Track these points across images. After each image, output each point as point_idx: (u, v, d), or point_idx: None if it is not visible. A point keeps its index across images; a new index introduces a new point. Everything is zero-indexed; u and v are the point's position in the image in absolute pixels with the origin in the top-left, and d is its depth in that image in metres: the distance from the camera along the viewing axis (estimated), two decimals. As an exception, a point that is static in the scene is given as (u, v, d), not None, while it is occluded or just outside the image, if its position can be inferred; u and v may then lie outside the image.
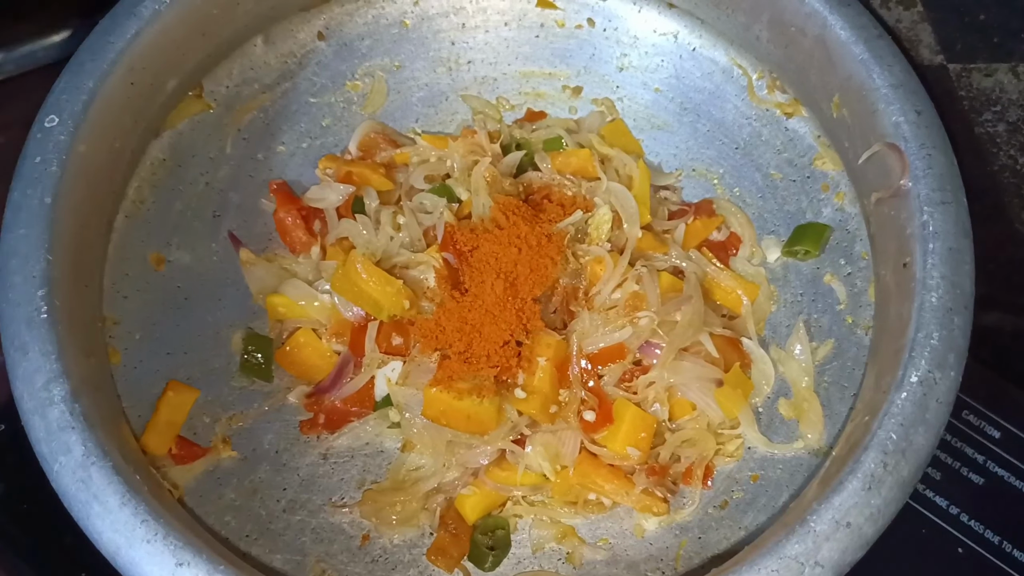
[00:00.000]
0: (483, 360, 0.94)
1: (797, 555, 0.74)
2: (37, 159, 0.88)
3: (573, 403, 0.95)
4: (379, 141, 1.11)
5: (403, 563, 0.93)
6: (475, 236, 0.99)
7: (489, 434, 0.94)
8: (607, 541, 0.95)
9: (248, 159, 1.09)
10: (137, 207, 1.02)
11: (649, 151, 1.13)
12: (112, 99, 0.94)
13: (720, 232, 1.08)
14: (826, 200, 1.05)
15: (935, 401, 0.79)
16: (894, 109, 0.91)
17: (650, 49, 1.15)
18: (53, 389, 0.80)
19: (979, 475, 1.03)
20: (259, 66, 1.11)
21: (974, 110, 1.09)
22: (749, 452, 0.97)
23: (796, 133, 1.08)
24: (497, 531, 0.94)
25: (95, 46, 0.94)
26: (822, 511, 0.75)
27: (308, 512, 0.95)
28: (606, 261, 0.99)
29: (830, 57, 0.97)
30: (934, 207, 0.86)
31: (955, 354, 0.82)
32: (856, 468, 0.77)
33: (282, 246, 1.07)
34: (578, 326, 0.97)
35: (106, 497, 0.76)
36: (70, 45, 1.16)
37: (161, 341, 0.99)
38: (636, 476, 0.94)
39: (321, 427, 0.99)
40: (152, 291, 1.00)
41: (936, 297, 0.83)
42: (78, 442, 0.78)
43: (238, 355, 1.01)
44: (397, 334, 0.98)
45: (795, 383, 0.99)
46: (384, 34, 1.16)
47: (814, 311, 1.02)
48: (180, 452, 0.93)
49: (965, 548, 0.99)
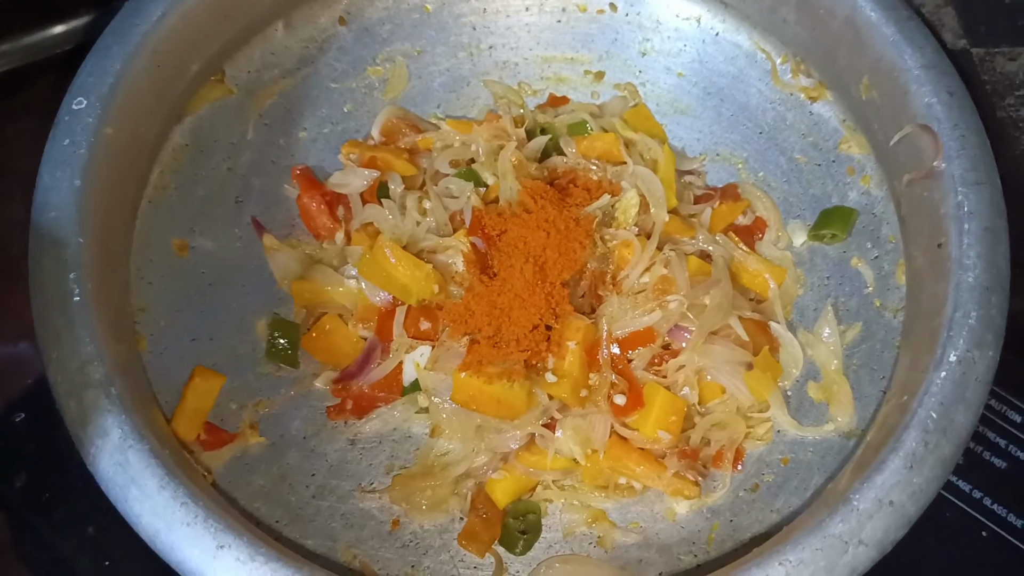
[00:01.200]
0: (513, 344, 0.94)
1: (841, 534, 0.74)
2: (66, 141, 0.87)
3: (603, 387, 0.94)
4: (401, 126, 1.10)
5: (434, 548, 0.93)
6: (503, 220, 0.99)
7: (519, 418, 0.93)
8: (638, 525, 0.94)
9: (270, 144, 1.09)
10: (160, 193, 1.01)
11: (672, 136, 1.13)
12: (138, 82, 0.93)
13: (746, 216, 1.07)
14: (852, 183, 1.05)
15: (974, 380, 0.80)
16: (926, 90, 0.91)
17: (672, 33, 1.14)
18: (88, 372, 0.79)
19: (1002, 459, 1.03)
20: (280, 51, 1.11)
21: (997, 94, 1.09)
22: (779, 435, 0.97)
23: (821, 117, 1.08)
24: (528, 515, 0.94)
25: (121, 28, 0.94)
26: (864, 490, 0.75)
27: (337, 498, 0.94)
28: (634, 245, 0.98)
29: (860, 38, 0.97)
30: (968, 187, 0.86)
31: (993, 333, 0.82)
32: (897, 447, 0.77)
33: (305, 232, 1.07)
34: (607, 310, 0.97)
35: (144, 480, 0.76)
36: (80, 35, 1.17)
37: (186, 327, 0.98)
38: (667, 459, 0.94)
39: (349, 413, 0.98)
40: (176, 277, 1.00)
41: (973, 276, 0.83)
42: (115, 424, 0.77)
43: (263, 341, 1.00)
44: (425, 319, 0.97)
45: (824, 366, 0.98)
46: (405, 19, 1.15)
47: (841, 294, 1.02)
48: (208, 438, 0.93)
49: (989, 532, 0.99)
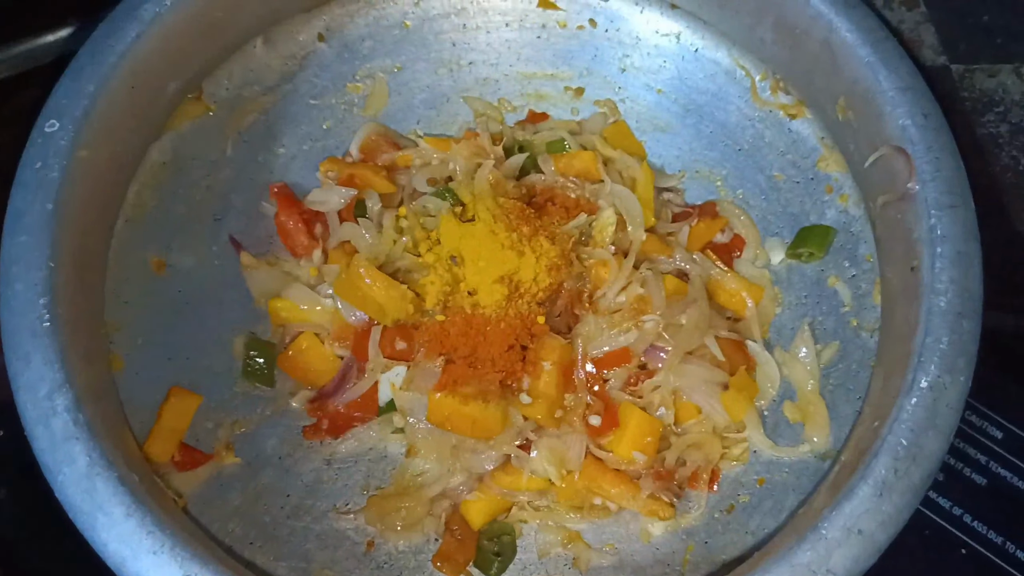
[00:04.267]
0: (488, 364, 0.94)
1: (809, 562, 0.74)
2: (38, 164, 0.87)
3: (579, 407, 0.95)
4: (381, 143, 1.10)
5: (409, 569, 0.93)
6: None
7: (494, 439, 0.93)
8: (613, 546, 0.94)
9: (249, 162, 1.09)
10: (137, 211, 1.01)
11: (652, 153, 1.13)
12: (113, 103, 0.93)
13: (724, 234, 1.07)
14: (830, 202, 1.04)
15: (945, 406, 0.79)
16: (901, 112, 0.91)
17: (652, 50, 1.14)
18: (56, 399, 0.79)
19: (982, 475, 1.03)
20: (259, 68, 1.10)
21: (976, 111, 1.09)
22: (755, 456, 0.97)
23: (800, 135, 1.08)
24: (503, 536, 0.94)
25: (95, 49, 0.93)
26: (833, 518, 0.75)
27: (312, 518, 0.94)
28: (611, 264, 0.98)
29: (836, 60, 0.96)
30: (942, 211, 0.86)
31: (965, 358, 0.81)
32: (867, 474, 0.77)
33: (283, 250, 1.07)
34: (583, 329, 0.97)
35: (111, 508, 0.75)
36: (68, 44, 1.16)
37: (163, 346, 0.98)
38: (642, 480, 0.94)
39: (324, 432, 0.98)
40: (153, 296, 0.99)
41: (945, 301, 0.83)
42: (82, 452, 0.77)
43: (240, 360, 1.00)
44: (401, 339, 0.97)
45: (800, 386, 0.98)
46: (385, 35, 1.15)
47: (818, 313, 1.02)
48: (183, 459, 0.93)
49: (968, 549, 1.00)
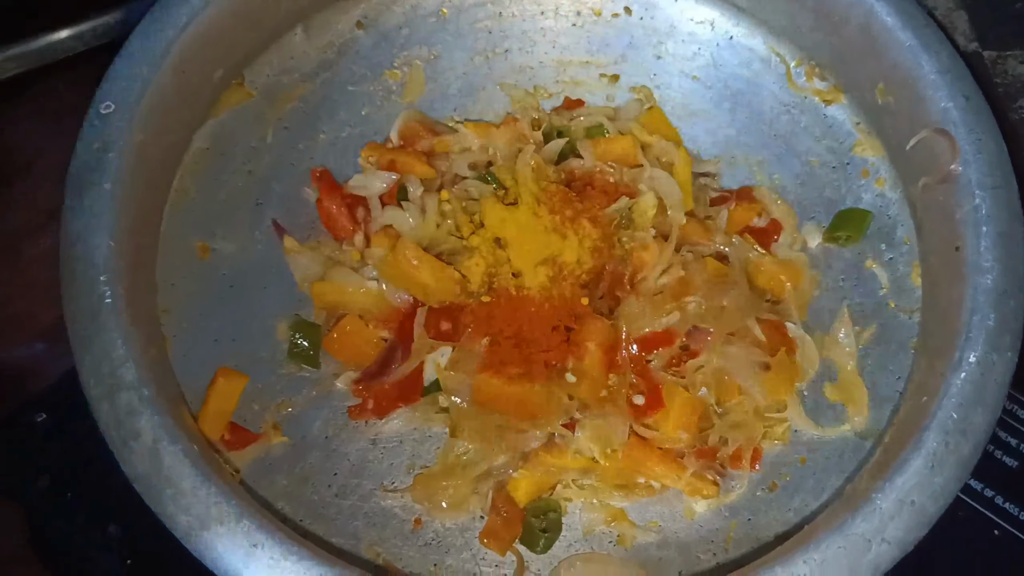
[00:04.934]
0: (533, 345, 0.95)
1: (864, 532, 0.75)
2: (96, 145, 0.88)
3: (622, 387, 0.95)
4: (419, 130, 1.11)
5: (456, 546, 0.94)
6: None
7: (540, 419, 0.94)
8: (657, 524, 0.95)
9: (289, 148, 1.09)
10: (181, 196, 1.02)
11: (687, 139, 1.13)
12: (164, 88, 0.94)
13: (761, 219, 1.08)
14: (866, 186, 1.06)
15: (993, 381, 0.81)
16: (942, 95, 0.92)
17: (687, 37, 1.15)
18: (120, 374, 0.80)
19: (1013, 458, 1.04)
20: (299, 56, 1.12)
21: (1009, 96, 1.09)
22: (796, 435, 0.98)
23: (835, 120, 1.09)
24: (549, 513, 0.95)
25: (146, 33, 0.94)
26: (886, 490, 0.77)
27: (359, 497, 0.95)
28: (652, 247, 0.99)
29: (875, 44, 0.98)
30: (985, 191, 0.87)
31: (1011, 336, 0.83)
32: (918, 448, 0.78)
33: (325, 234, 1.07)
34: (625, 311, 0.98)
35: (179, 480, 0.77)
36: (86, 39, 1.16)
37: (208, 330, 0.99)
38: (686, 459, 0.95)
39: (370, 413, 0.99)
40: (198, 280, 1.01)
41: (991, 280, 0.84)
42: (148, 426, 0.79)
43: (285, 342, 1.01)
44: (446, 320, 0.98)
45: (840, 367, 0.99)
46: (422, 24, 1.16)
47: (856, 296, 1.03)
48: (232, 438, 0.94)
49: (1001, 530, 1.01)
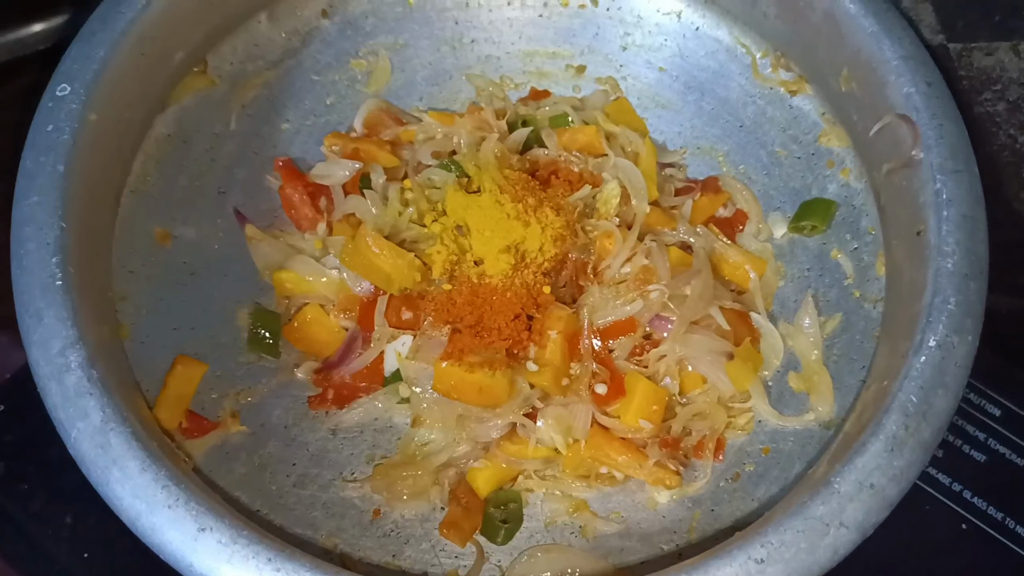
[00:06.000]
0: (494, 333, 0.94)
1: (822, 516, 0.74)
2: (49, 127, 0.87)
3: (584, 376, 0.95)
4: (384, 119, 1.11)
5: (415, 537, 0.92)
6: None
7: (501, 407, 0.93)
8: (619, 514, 0.94)
9: (253, 135, 1.09)
10: (142, 182, 1.01)
11: (653, 129, 1.14)
12: (122, 69, 0.93)
13: (726, 209, 1.08)
14: (831, 176, 1.05)
15: (953, 364, 0.80)
16: (904, 81, 0.92)
17: (653, 28, 1.15)
18: (69, 355, 0.79)
19: (981, 452, 1.04)
20: (263, 43, 1.11)
21: (974, 89, 1.09)
22: (760, 425, 0.97)
23: (801, 111, 1.09)
24: (509, 504, 0.94)
25: (106, 15, 0.93)
26: (845, 473, 0.76)
27: (318, 487, 0.94)
28: (615, 235, 0.99)
29: (839, 31, 0.98)
30: (947, 175, 0.87)
31: (972, 319, 0.82)
32: (878, 430, 0.77)
33: (287, 223, 1.07)
34: (588, 300, 0.97)
35: (126, 462, 0.75)
36: (59, 32, 1.17)
37: (168, 316, 0.98)
38: (649, 449, 0.94)
39: (330, 402, 0.98)
40: (158, 267, 1.00)
41: (952, 263, 0.84)
42: (96, 408, 0.77)
43: (245, 331, 1.00)
44: (407, 308, 0.98)
45: (804, 356, 0.99)
46: (388, 12, 1.16)
47: (821, 286, 1.03)
48: (190, 426, 0.93)
49: (969, 524, 1.01)
